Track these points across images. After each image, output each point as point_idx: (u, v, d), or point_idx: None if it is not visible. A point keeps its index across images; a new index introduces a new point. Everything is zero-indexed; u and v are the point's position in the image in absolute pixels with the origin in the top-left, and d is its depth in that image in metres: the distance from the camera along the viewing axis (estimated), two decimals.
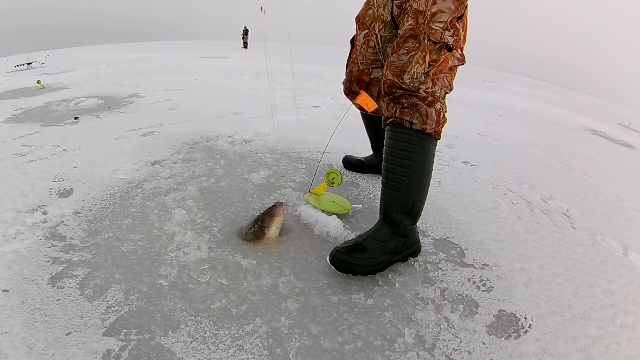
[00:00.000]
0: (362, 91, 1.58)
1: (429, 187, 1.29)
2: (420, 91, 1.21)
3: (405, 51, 1.21)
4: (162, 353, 0.96)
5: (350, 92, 1.71)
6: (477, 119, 3.94)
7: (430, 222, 1.62)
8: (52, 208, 1.54)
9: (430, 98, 1.21)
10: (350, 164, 2.04)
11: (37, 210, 1.52)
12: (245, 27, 17.80)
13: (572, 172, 2.49)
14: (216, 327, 1.05)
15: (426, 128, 1.22)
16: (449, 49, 1.21)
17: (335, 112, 3.41)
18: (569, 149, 3.28)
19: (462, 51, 1.25)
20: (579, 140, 3.93)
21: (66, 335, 0.99)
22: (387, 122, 1.27)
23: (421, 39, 1.19)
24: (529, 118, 4.66)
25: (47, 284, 1.14)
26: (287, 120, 3.02)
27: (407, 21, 1.24)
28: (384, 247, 1.24)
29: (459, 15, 1.21)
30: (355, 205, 1.68)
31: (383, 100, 1.29)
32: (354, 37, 1.64)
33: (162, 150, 2.17)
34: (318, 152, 2.27)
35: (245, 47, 16.29)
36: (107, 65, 6.43)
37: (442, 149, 2.54)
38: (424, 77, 1.20)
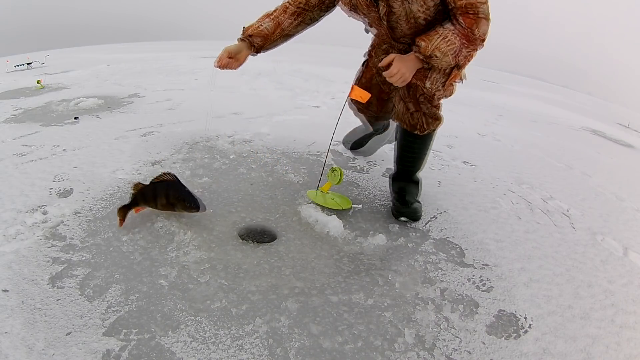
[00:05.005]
0: (353, 85, 1.60)
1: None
2: (435, 98, 1.53)
3: None
4: (162, 353, 0.96)
5: (366, 111, 1.84)
6: (477, 119, 3.93)
7: (430, 222, 1.62)
8: (52, 208, 1.53)
9: (438, 105, 1.58)
10: (353, 142, 2.21)
11: (37, 210, 1.52)
12: (244, 27, 17.74)
13: (572, 172, 2.49)
14: (216, 327, 1.05)
15: (440, 124, 1.63)
16: (459, 68, 1.50)
17: (335, 112, 3.40)
18: (569, 149, 3.27)
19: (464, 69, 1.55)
20: (579, 140, 3.92)
21: (66, 335, 0.99)
22: (416, 133, 1.63)
23: None
24: (529, 118, 4.65)
25: (47, 284, 1.14)
26: (287, 120, 3.02)
27: None
28: (416, 194, 1.70)
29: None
30: (355, 205, 1.68)
31: (405, 112, 1.60)
32: (366, 60, 1.77)
33: (162, 150, 2.17)
34: (318, 152, 2.27)
35: None
36: (107, 65, 6.41)
37: (442, 149, 2.54)
38: (441, 87, 1.51)
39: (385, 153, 2.33)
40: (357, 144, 2.24)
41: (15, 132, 2.53)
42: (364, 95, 1.59)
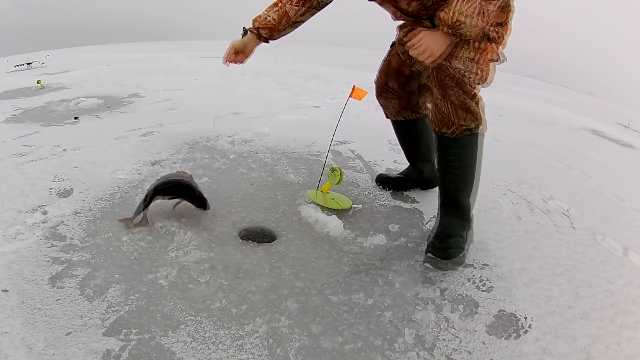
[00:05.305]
0: (354, 86, 1.60)
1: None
2: (466, 79, 1.29)
3: None
4: (162, 353, 0.96)
5: (385, 88, 1.67)
6: None
7: (430, 222, 1.62)
8: (52, 208, 1.53)
9: (473, 92, 1.32)
10: (388, 181, 1.86)
11: (37, 210, 1.52)
12: (244, 27, 17.72)
13: (572, 172, 2.49)
14: (216, 327, 1.05)
15: (478, 124, 1.36)
16: (490, 40, 1.31)
17: (335, 112, 3.41)
18: (569, 149, 3.27)
19: (500, 48, 1.35)
20: (579, 140, 3.92)
21: (66, 335, 0.99)
22: (447, 134, 1.37)
23: None
24: (529, 118, 4.65)
25: (47, 284, 1.14)
26: (287, 120, 3.02)
27: None
28: (462, 226, 1.40)
29: (500, 21, 1.30)
30: (356, 205, 1.68)
31: (433, 104, 1.38)
32: (394, 42, 1.64)
33: (162, 150, 2.17)
34: (318, 152, 2.27)
35: None
36: (107, 65, 6.42)
37: None
38: (470, 63, 1.28)
39: (386, 153, 2.33)
40: (388, 182, 1.88)
41: (15, 132, 2.53)
42: (362, 95, 1.61)
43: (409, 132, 1.77)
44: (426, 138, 1.73)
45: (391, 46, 1.66)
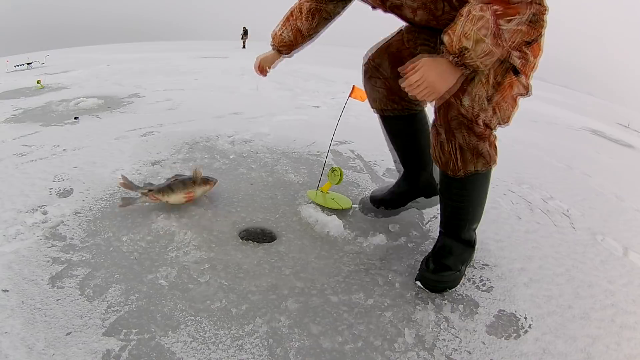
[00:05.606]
0: (353, 86, 1.58)
1: None
2: (479, 121, 1.08)
3: None
4: (162, 353, 0.96)
5: (375, 70, 1.38)
6: None
7: (430, 222, 1.62)
8: (52, 208, 1.53)
9: (486, 133, 1.12)
10: (384, 202, 1.62)
11: (37, 210, 1.52)
12: (244, 27, 17.78)
13: (572, 172, 2.49)
14: (216, 327, 1.05)
15: (490, 166, 1.21)
16: (516, 72, 1.07)
17: (335, 112, 3.41)
18: (569, 149, 3.28)
19: (527, 79, 1.10)
20: (579, 140, 3.93)
21: (66, 335, 0.99)
22: (450, 174, 1.19)
23: None
24: (529, 118, 4.65)
25: (47, 284, 1.14)
26: (287, 120, 3.02)
27: None
28: (461, 260, 1.28)
29: (529, 40, 1.00)
30: (356, 205, 1.68)
31: (435, 140, 1.17)
32: (401, 29, 1.38)
33: (162, 150, 2.17)
34: (318, 152, 2.27)
35: (244, 47, 16.30)
36: (107, 65, 6.43)
37: None
38: (486, 103, 1.06)
39: (386, 153, 2.33)
40: (382, 201, 1.63)
41: (15, 132, 2.53)
42: (363, 95, 1.60)
43: (398, 130, 1.49)
44: (421, 140, 1.48)
45: (397, 32, 1.38)
